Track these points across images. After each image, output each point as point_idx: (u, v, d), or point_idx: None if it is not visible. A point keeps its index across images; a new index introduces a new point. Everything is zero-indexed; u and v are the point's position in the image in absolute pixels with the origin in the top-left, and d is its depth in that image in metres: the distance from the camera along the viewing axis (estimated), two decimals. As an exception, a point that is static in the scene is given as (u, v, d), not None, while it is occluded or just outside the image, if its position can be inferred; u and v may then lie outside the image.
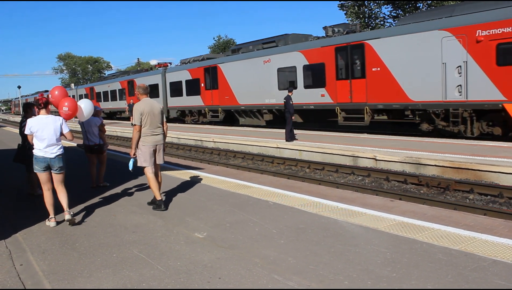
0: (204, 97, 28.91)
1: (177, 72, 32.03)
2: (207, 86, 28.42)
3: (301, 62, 21.30)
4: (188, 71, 30.40)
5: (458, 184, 10.08)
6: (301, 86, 21.29)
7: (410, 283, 4.20)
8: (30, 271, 4.92)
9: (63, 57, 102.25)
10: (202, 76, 28.84)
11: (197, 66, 29.44)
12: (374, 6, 37.99)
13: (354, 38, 18.97)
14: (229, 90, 26.49)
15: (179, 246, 5.51)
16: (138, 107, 7.25)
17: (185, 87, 30.85)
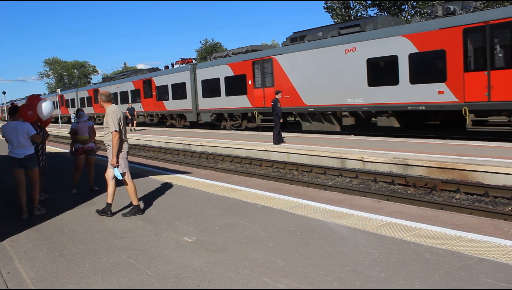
0: (252, 97, 23.78)
1: (213, 67, 26.95)
2: (257, 83, 23.46)
3: (405, 50, 16.64)
4: (229, 66, 25.31)
5: (444, 184, 10.20)
6: (405, 81, 16.81)
7: (398, 283, 4.25)
8: (18, 279, 4.87)
9: (50, 62, 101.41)
10: (249, 72, 23.74)
11: (243, 60, 24.31)
12: (360, 8, 38.27)
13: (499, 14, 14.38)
14: (291, 88, 21.44)
15: (168, 251, 5.51)
16: (114, 113, 7.03)
17: (224, 85, 25.78)
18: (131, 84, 37.52)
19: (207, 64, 28.19)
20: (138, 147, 23.78)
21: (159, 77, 33.16)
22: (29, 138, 7.61)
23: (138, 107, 35.67)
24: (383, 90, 17.39)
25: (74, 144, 9.42)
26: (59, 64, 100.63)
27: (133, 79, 37.61)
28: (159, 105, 33.15)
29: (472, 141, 14.67)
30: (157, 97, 33.28)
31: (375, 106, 18.04)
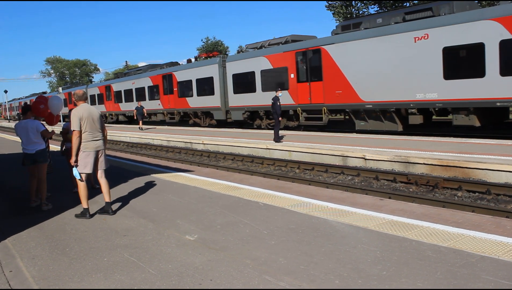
0: (294, 92, 21.37)
1: (246, 60, 24.21)
2: (301, 77, 20.95)
3: (495, 36, 14.19)
4: (267, 58, 22.77)
5: (446, 182, 10.18)
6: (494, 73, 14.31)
7: (400, 281, 4.24)
8: (20, 277, 4.88)
9: (52, 60, 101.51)
10: (291, 64, 21.31)
11: (283, 51, 21.84)
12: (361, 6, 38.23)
13: None
14: (343, 82, 18.99)
15: (170, 249, 5.51)
16: (76, 113, 7.08)
17: (260, 79, 23.26)
18: (148, 79, 34.58)
19: (239, 57, 25.09)
20: (140, 146, 23.81)
21: (182, 72, 30.28)
22: (40, 134, 8.06)
23: (156, 105, 33.35)
24: (463, 83, 15.12)
25: (64, 143, 9.37)
26: (61, 63, 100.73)
27: (150, 74, 34.58)
28: (181, 102, 30.56)
29: (474, 139, 14.64)
30: (179, 93, 30.64)
31: (452, 102, 15.54)
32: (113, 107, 41.06)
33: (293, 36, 22.87)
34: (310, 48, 20.44)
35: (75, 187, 9.30)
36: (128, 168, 12.41)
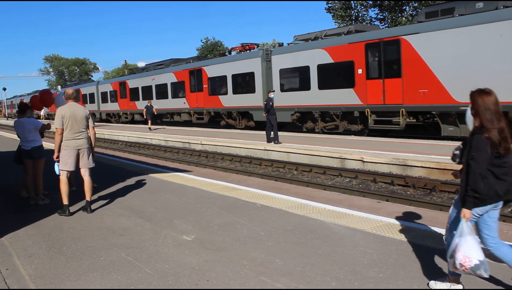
0: (362, 91, 18.17)
1: (298, 53, 21.06)
2: (372, 73, 17.90)
3: None
4: (326, 51, 19.56)
5: (444, 185, 10.20)
6: None
7: (397, 283, 4.25)
8: (17, 275, 4.87)
9: (50, 58, 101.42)
10: (359, 58, 18.12)
11: (349, 42, 18.64)
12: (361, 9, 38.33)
13: None
14: (431, 79, 15.83)
15: (167, 249, 5.51)
16: (60, 111, 7.27)
17: (316, 76, 20.02)
18: (171, 75, 30.78)
19: (289, 49, 21.85)
20: (138, 145, 23.77)
21: (214, 66, 26.77)
22: (37, 131, 8.25)
23: (180, 103, 29.76)
24: None
25: None
26: (60, 61, 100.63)
27: (175, 69, 30.87)
28: (212, 100, 26.99)
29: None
30: (209, 91, 27.19)
31: None
32: (128, 105, 37.42)
33: (356, 25, 20.35)
34: (385, 38, 17.28)
35: (73, 186, 9.31)
36: (126, 168, 12.40)
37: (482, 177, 3.76)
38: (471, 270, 3.75)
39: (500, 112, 3.82)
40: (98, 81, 47.04)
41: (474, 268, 3.72)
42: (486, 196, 3.81)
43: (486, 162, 3.74)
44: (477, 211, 3.91)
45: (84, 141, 7.43)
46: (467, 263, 3.73)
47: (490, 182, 3.80)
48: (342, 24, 38.33)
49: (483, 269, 3.72)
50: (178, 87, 30.23)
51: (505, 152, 3.77)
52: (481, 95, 3.83)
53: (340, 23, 38.39)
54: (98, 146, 24.97)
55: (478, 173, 3.75)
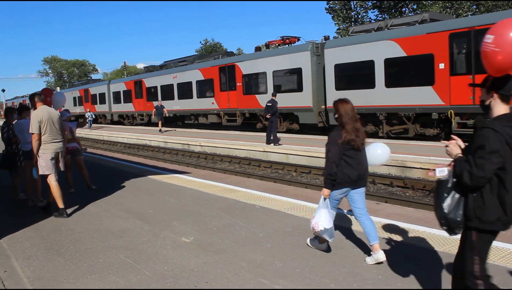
0: (444, 89, 15.52)
1: (359, 46, 18.28)
2: (458, 68, 15.25)
3: None
4: (396, 43, 16.87)
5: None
6: None
7: (396, 285, 4.25)
8: (15, 278, 4.87)
9: (49, 60, 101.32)
10: (441, 50, 15.43)
11: (426, 32, 16.01)
12: (361, 10, 38.39)
13: None
14: None
15: (166, 251, 5.50)
16: (36, 115, 7.20)
17: (383, 71, 17.37)
18: (197, 72, 27.62)
19: (348, 41, 19.26)
20: (137, 147, 23.76)
21: (250, 62, 23.77)
22: None
23: (208, 104, 26.80)
24: None
25: None
26: (59, 62, 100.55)
27: (201, 65, 27.82)
28: (248, 100, 23.99)
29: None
30: (244, 90, 24.22)
31: None
32: (144, 106, 34.05)
33: (431, 13, 17.81)
34: (477, 27, 14.45)
35: (71, 188, 9.31)
36: (125, 169, 12.39)
37: (336, 165, 4.72)
38: (319, 233, 4.89)
39: (356, 116, 4.84)
40: (110, 80, 44.39)
41: (320, 232, 4.85)
42: (341, 180, 4.79)
43: (337, 152, 4.73)
44: (337, 192, 4.92)
45: (62, 144, 7.50)
46: (316, 227, 4.87)
47: (342, 168, 4.77)
48: (342, 26, 38.37)
49: (327, 234, 4.85)
50: (205, 86, 27.17)
51: (357, 146, 4.79)
52: (342, 103, 4.87)
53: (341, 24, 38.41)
54: (97, 148, 24.98)
55: (332, 161, 4.73)
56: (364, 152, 4.94)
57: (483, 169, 2.92)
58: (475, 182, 2.98)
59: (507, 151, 2.94)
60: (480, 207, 3.03)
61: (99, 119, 42.78)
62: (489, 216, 3.01)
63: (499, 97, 3.05)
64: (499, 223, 3.02)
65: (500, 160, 2.91)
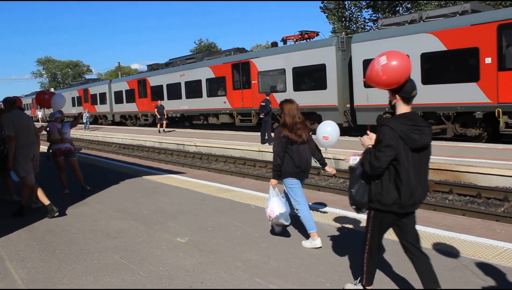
0: (491, 86, 14.32)
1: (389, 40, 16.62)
2: (508, 62, 14.06)
3: None
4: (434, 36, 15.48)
5: (437, 185, 10.23)
6: None
7: (391, 283, 4.26)
8: (9, 280, 4.84)
9: (43, 61, 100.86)
10: (487, 43, 14.25)
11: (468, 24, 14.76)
12: (355, 10, 38.47)
13: None
14: None
15: (161, 251, 5.49)
16: (10, 118, 7.30)
17: (419, 67, 15.83)
18: (207, 70, 26.22)
19: (378, 35, 17.50)
20: (132, 147, 23.69)
21: (267, 58, 22.31)
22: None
23: (219, 103, 25.27)
24: None
25: (51, 145, 9.28)
26: (53, 63, 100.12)
27: (211, 63, 26.29)
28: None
29: (465, 143, 14.72)
30: (260, 88, 22.71)
31: None
32: (148, 106, 32.25)
33: (472, 3, 16.05)
34: None
35: (65, 189, 9.27)
36: (120, 170, 12.36)
37: (280, 158, 5.34)
38: (275, 219, 5.37)
39: (299, 114, 5.49)
40: (111, 80, 42.40)
41: (276, 217, 5.34)
42: (285, 171, 5.39)
43: (280, 146, 5.35)
44: (290, 181, 5.46)
45: (35, 146, 7.56)
46: (272, 215, 5.35)
47: (287, 161, 5.37)
48: (337, 25, 38.43)
49: (283, 218, 5.34)
50: (216, 84, 25.62)
51: (298, 141, 5.36)
52: (287, 103, 5.50)
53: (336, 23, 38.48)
54: (91, 149, 24.90)
55: (276, 155, 5.38)
56: (306, 146, 5.47)
57: (379, 160, 3.49)
58: (374, 171, 3.56)
59: (401, 145, 3.47)
60: (380, 192, 3.62)
61: (99, 120, 41.82)
62: (386, 199, 3.59)
63: (401, 98, 3.63)
64: (396, 206, 3.62)
65: (393, 153, 3.46)
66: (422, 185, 3.66)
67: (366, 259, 3.87)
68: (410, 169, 3.54)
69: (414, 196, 3.62)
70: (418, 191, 3.62)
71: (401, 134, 3.46)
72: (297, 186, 5.48)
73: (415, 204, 3.71)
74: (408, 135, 3.47)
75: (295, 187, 5.48)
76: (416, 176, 3.58)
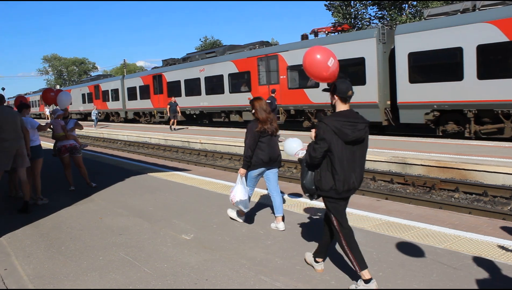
0: None
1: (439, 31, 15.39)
2: None
3: None
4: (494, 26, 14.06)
5: (443, 183, 10.19)
6: None
7: (396, 282, 4.24)
8: (15, 276, 4.86)
9: (49, 58, 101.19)
10: None
11: None
12: (360, 6, 38.30)
13: None
14: None
15: (166, 248, 5.49)
16: None
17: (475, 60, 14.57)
18: (229, 65, 24.70)
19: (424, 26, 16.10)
20: (137, 144, 23.74)
21: (297, 52, 20.33)
22: (35, 130, 8.20)
23: (242, 99, 23.41)
24: None
25: (56, 142, 9.30)
26: (59, 61, 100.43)
27: (235, 57, 24.74)
28: (294, 95, 21.16)
29: (472, 141, 14.65)
30: (289, 83, 21.37)
31: None
32: (164, 102, 30.28)
33: None
34: None
35: (71, 186, 9.29)
36: (125, 167, 12.38)
37: (251, 150, 5.88)
38: (236, 204, 5.97)
39: (268, 109, 5.99)
40: (124, 75, 40.29)
41: (236, 203, 5.95)
42: (256, 162, 5.96)
43: (253, 139, 5.86)
44: (254, 172, 6.12)
45: (19, 142, 7.52)
46: (233, 199, 5.96)
47: (257, 152, 5.92)
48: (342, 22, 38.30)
49: (242, 205, 5.94)
50: (240, 79, 24.12)
51: (270, 133, 5.94)
52: (257, 101, 6.01)
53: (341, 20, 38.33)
54: (97, 146, 24.97)
55: (248, 147, 5.90)
56: (276, 138, 6.11)
57: (316, 151, 4.03)
58: (312, 160, 4.10)
59: (334, 138, 3.97)
60: (319, 179, 4.14)
61: (111, 117, 40.68)
62: (324, 186, 4.09)
63: (339, 98, 4.12)
64: (332, 192, 4.09)
65: (326, 145, 3.99)
66: (356, 174, 4.10)
67: (346, 245, 4.17)
68: (344, 159, 4.01)
69: (348, 183, 4.06)
70: (352, 179, 4.07)
71: (334, 129, 3.96)
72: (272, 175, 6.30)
73: (349, 190, 4.12)
74: (341, 129, 3.95)
75: (254, 178, 6.22)
76: (350, 166, 4.05)
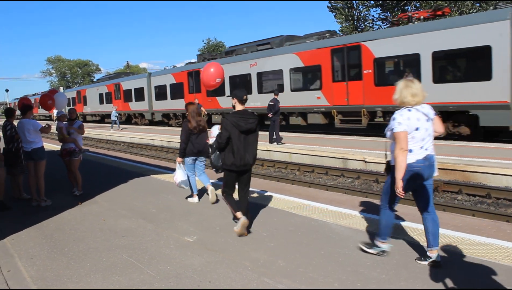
0: None
1: None
2: None
3: None
4: None
5: (446, 185, 10.16)
6: None
7: (399, 284, 4.23)
8: (18, 277, 4.87)
9: (53, 60, 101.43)
10: None
11: None
12: (363, 8, 38.28)
13: None
14: None
15: (169, 250, 5.50)
16: None
17: None
18: (291, 57, 21.07)
19: None
20: (140, 146, 23.75)
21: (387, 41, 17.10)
22: (37, 133, 8.26)
23: (313, 99, 20.09)
24: None
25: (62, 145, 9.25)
26: (62, 63, 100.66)
27: (297, 48, 20.98)
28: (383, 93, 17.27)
29: (475, 143, 14.61)
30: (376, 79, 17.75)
31: None
32: (203, 103, 25.92)
33: None
34: None
35: (74, 188, 9.30)
36: (128, 169, 12.40)
37: (185, 143, 7.67)
38: (179, 184, 7.63)
39: (198, 112, 7.82)
40: (151, 72, 36.13)
41: (179, 183, 7.62)
42: (189, 152, 7.75)
43: (185, 136, 7.64)
44: (188, 159, 7.80)
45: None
46: (176, 181, 7.62)
47: (190, 146, 7.70)
48: (345, 24, 38.30)
49: (183, 184, 7.65)
50: (306, 75, 20.75)
51: (197, 132, 7.71)
52: (189, 106, 7.87)
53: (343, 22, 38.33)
54: (100, 147, 24.99)
55: (182, 142, 7.66)
56: (204, 135, 7.78)
57: (221, 138, 5.78)
58: (219, 145, 5.85)
59: (233, 129, 5.72)
60: (223, 158, 5.89)
61: (133, 119, 37.51)
62: (227, 161, 5.83)
63: (237, 100, 5.94)
64: (233, 166, 5.82)
65: (227, 133, 5.73)
66: (249, 154, 5.86)
67: (225, 197, 6.03)
68: (241, 144, 5.76)
69: (244, 160, 5.79)
70: (246, 157, 5.81)
71: (233, 123, 5.72)
72: (201, 163, 8.01)
73: (245, 165, 5.85)
74: (237, 123, 5.71)
75: (190, 164, 7.87)
76: (244, 148, 5.80)
